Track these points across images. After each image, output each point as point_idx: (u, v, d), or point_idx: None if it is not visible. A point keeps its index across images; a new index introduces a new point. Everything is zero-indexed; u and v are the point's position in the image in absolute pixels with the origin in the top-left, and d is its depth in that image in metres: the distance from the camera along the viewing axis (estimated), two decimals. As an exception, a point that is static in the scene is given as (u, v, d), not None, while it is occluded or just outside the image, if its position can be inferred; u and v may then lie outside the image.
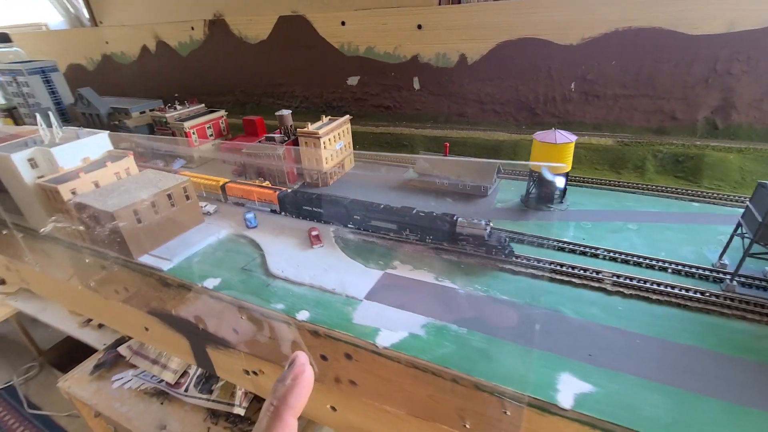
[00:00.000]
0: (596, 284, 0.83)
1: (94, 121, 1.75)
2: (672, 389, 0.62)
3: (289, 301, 0.85)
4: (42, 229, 1.14)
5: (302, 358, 0.47)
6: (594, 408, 0.60)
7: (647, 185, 1.23)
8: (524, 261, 0.90)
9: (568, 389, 0.63)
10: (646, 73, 1.42)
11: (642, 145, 1.36)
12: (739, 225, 0.82)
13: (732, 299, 0.77)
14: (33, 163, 1.06)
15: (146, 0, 2.24)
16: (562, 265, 0.88)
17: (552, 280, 0.86)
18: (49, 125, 1.14)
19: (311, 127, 1.31)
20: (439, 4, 1.62)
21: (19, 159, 1.03)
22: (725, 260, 0.85)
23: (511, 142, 1.53)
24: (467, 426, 0.71)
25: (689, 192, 1.19)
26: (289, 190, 1.15)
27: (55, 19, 2.57)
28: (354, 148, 1.78)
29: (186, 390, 2.03)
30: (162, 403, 2.31)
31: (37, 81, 1.77)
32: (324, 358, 0.82)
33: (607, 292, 0.82)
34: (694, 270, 0.85)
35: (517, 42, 1.54)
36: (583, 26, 1.42)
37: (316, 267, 0.94)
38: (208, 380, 2.01)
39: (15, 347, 4.03)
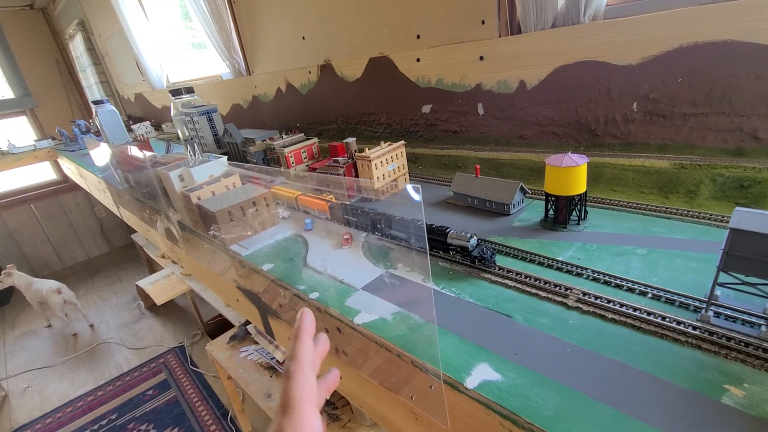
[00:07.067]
0: (560, 299, 0.88)
1: (233, 147, 2.37)
2: (571, 391, 0.67)
3: (309, 284, 1.13)
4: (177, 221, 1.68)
5: (301, 313, 0.55)
6: (491, 392, 0.70)
7: (687, 211, 1.13)
8: (502, 272, 0.99)
9: (480, 375, 0.74)
10: (720, 89, 1.29)
11: (701, 167, 1.24)
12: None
13: (695, 327, 0.74)
14: (181, 177, 1.58)
15: (279, 54, 2.89)
16: (537, 279, 0.95)
17: (522, 291, 0.94)
18: (194, 153, 1.67)
19: (367, 152, 1.58)
20: (499, 36, 1.74)
21: (173, 175, 1.56)
22: (717, 291, 0.80)
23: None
24: (413, 398, 0.86)
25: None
26: (337, 202, 1.44)
27: (225, 71, 3.46)
28: (418, 169, 2.00)
29: (289, 370, 2.50)
30: (271, 376, 2.86)
31: (203, 120, 2.48)
32: (326, 330, 1.06)
33: (568, 307, 0.86)
34: (675, 297, 0.82)
35: (574, 66, 1.56)
36: (642, 46, 1.38)
37: (338, 262, 1.20)
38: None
39: (188, 317, 5.31)
